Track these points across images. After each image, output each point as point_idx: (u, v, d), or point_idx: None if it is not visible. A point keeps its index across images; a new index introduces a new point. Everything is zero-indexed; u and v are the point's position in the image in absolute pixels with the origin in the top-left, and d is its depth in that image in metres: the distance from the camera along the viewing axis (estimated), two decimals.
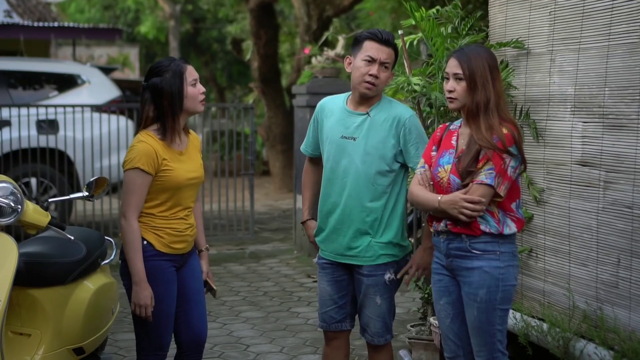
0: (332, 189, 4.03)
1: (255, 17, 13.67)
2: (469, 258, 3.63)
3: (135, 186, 3.78)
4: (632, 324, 4.01)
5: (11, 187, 3.79)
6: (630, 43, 4.00)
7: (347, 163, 3.98)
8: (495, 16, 4.99)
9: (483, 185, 3.53)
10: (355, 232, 3.99)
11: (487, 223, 3.59)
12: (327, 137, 4.07)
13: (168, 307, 3.87)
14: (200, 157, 4.01)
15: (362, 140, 3.96)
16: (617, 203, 4.09)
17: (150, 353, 3.90)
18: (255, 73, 14.15)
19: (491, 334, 3.63)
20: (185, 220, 3.92)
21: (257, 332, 6.20)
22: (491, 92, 3.59)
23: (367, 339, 4.11)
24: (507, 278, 3.61)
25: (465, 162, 3.57)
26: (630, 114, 4.01)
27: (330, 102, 4.15)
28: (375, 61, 3.92)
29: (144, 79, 3.88)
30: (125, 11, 23.94)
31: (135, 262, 3.77)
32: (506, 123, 3.59)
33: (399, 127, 3.96)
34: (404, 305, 6.82)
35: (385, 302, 4.04)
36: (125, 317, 6.44)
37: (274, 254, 8.97)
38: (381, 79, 3.94)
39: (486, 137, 3.54)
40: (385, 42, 3.94)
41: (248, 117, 10.22)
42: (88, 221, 9.32)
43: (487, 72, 3.60)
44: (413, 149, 3.96)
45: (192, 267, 4.02)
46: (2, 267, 3.58)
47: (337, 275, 4.10)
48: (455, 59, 3.64)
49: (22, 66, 10.63)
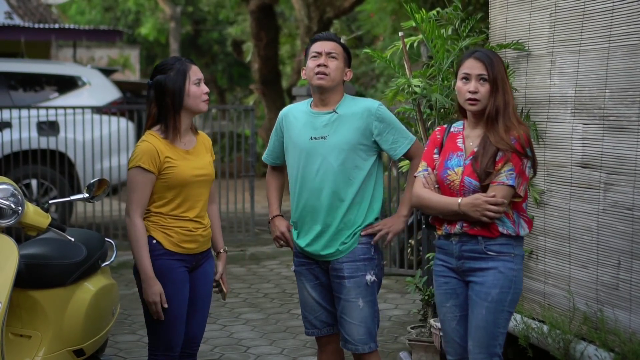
0: (307, 193, 4.00)
1: (255, 18, 13.69)
2: (484, 260, 3.61)
3: (137, 184, 3.80)
4: (632, 325, 4.01)
5: (11, 189, 3.79)
6: (631, 45, 4.00)
7: (320, 163, 3.96)
8: (496, 18, 4.99)
9: (505, 186, 3.53)
10: (339, 228, 3.96)
11: (504, 224, 3.59)
12: (294, 144, 4.03)
13: (177, 307, 3.85)
14: (209, 157, 4.01)
15: (333, 137, 3.95)
16: (618, 205, 4.09)
17: (160, 353, 3.90)
18: (255, 75, 14.17)
19: (494, 335, 3.62)
20: (196, 221, 3.91)
21: (258, 333, 6.20)
22: (509, 95, 3.62)
23: (351, 349, 4.00)
24: (518, 281, 3.63)
25: (484, 164, 3.57)
26: (631, 116, 4.01)
27: (294, 109, 4.13)
28: (321, 54, 3.96)
29: (150, 76, 3.90)
30: (125, 13, 23.96)
31: (142, 259, 3.78)
32: (521, 125, 3.62)
33: (370, 118, 3.95)
34: (404, 307, 6.82)
35: (367, 306, 3.96)
36: (126, 319, 6.44)
37: (274, 256, 8.98)
38: (331, 67, 3.94)
39: (505, 139, 3.55)
40: (327, 38, 4.02)
41: (248, 119, 10.22)
42: (88, 223, 9.33)
43: (505, 76, 3.64)
44: (390, 136, 3.97)
45: (204, 272, 4.01)
46: (3, 269, 3.59)
47: (319, 281, 4.07)
48: (479, 61, 3.61)
49: (22, 68, 10.64)
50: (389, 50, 5.28)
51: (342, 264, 3.97)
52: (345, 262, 3.96)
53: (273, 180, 4.32)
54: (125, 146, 9.32)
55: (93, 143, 9.16)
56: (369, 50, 5.38)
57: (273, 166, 4.29)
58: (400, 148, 3.99)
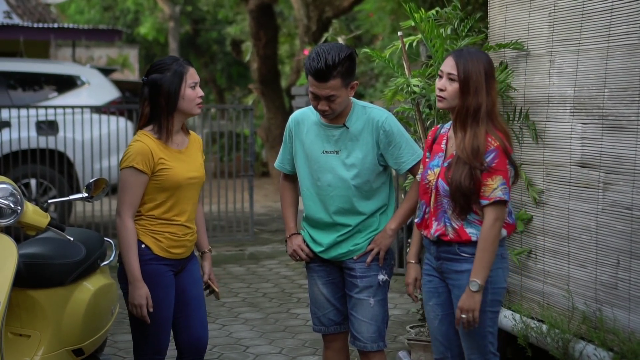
0: (320, 205, 3.97)
1: (254, 18, 13.67)
2: (458, 261, 3.62)
3: (129, 184, 3.78)
4: (631, 325, 4.01)
5: (11, 188, 3.79)
6: (630, 44, 4.00)
7: (332, 178, 3.93)
8: (495, 17, 5.00)
9: (502, 202, 3.52)
10: (352, 234, 3.97)
11: (477, 234, 3.57)
12: (306, 153, 3.99)
13: (166, 311, 3.86)
14: (201, 157, 4.00)
15: (345, 152, 3.92)
16: (617, 204, 4.09)
17: (148, 357, 3.89)
18: (254, 74, 14.15)
19: (483, 335, 3.63)
20: (186, 226, 3.91)
21: (257, 333, 6.20)
22: (484, 99, 3.56)
23: (359, 346, 4.01)
24: (495, 280, 3.61)
25: (455, 177, 3.53)
26: (630, 115, 4.01)
27: (305, 118, 4.03)
28: (320, 98, 3.82)
29: (145, 74, 3.87)
30: (124, 12, 23.94)
31: (130, 260, 3.76)
32: (497, 132, 3.56)
33: (377, 131, 3.91)
34: (403, 306, 6.82)
35: (378, 305, 3.98)
36: (124, 319, 6.43)
37: (273, 256, 8.97)
38: (333, 108, 3.83)
39: (467, 150, 3.52)
40: (320, 78, 3.74)
41: (247, 119, 10.22)
42: (87, 222, 9.33)
43: (482, 78, 3.57)
44: (395, 151, 3.92)
45: (190, 272, 4.00)
46: (2, 268, 3.58)
47: (331, 278, 4.07)
48: (453, 60, 3.62)
49: (21, 67, 10.64)
50: (388, 49, 5.28)
51: (354, 263, 3.99)
52: (357, 261, 3.98)
53: (287, 194, 4.21)
54: (124, 146, 9.31)
55: (92, 142, 9.16)
56: (368, 49, 5.37)
57: (286, 175, 4.20)
58: (405, 164, 3.93)
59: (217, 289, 4.16)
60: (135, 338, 3.91)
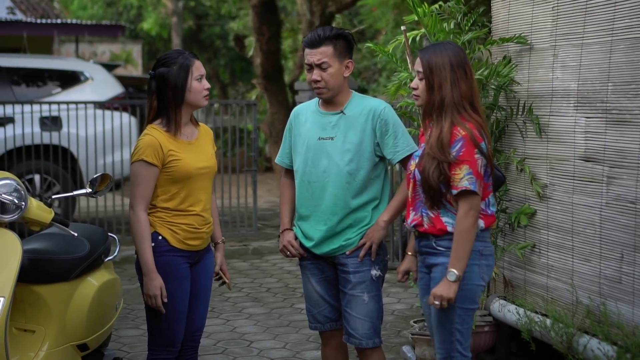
0: (313, 192, 3.97)
1: (257, 13, 13.66)
2: (435, 255, 3.60)
3: (140, 178, 3.81)
4: (635, 319, 4.01)
5: (15, 184, 3.80)
6: (633, 38, 3.99)
7: (327, 164, 3.93)
8: (498, 11, 4.99)
9: (469, 192, 3.46)
10: (344, 228, 3.95)
11: (453, 224, 3.53)
12: (303, 141, 4.01)
13: (180, 303, 3.88)
14: (212, 148, 4.02)
15: (340, 138, 3.92)
16: (621, 198, 4.09)
17: (161, 349, 3.91)
18: (257, 69, 14.14)
19: (449, 331, 3.58)
20: (202, 217, 3.92)
21: (261, 328, 6.21)
22: (447, 92, 3.52)
23: (355, 343, 3.98)
24: (468, 277, 3.52)
25: (426, 171, 3.52)
26: (633, 109, 4.01)
27: (304, 108, 4.10)
28: (312, 66, 3.90)
29: (152, 68, 3.90)
30: (127, 8, 23.95)
31: (144, 253, 3.79)
32: (466, 122, 3.51)
33: (374, 120, 3.92)
34: (406, 301, 6.83)
35: (372, 300, 3.96)
36: (129, 314, 6.45)
37: (277, 251, 8.96)
38: (325, 79, 3.88)
39: (432, 144, 3.51)
40: (312, 45, 3.90)
41: (251, 114, 10.22)
42: (92, 218, 9.34)
43: (445, 71, 3.53)
44: (391, 140, 3.92)
45: (205, 265, 4.02)
46: (7, 264, 3.59)
47: (325, 275, 4.06)
48: (418, 57, 3.61)
49: (25, 63, 10.64)
50: (391, 44, 5.28)
51: (346, 258, 3.97)
52: (350, 257, 3.96)
53: (287, 191, 4.20)
54: (128, 141, 9.33)
55: (96, 138, 9.16)
56: (371, 44, 5.38)
57: (287, 170, 4.20)
58: (399, 153, 3.93)
59: (228, 280, 4.18)
60: (150, 330, 3.94)
